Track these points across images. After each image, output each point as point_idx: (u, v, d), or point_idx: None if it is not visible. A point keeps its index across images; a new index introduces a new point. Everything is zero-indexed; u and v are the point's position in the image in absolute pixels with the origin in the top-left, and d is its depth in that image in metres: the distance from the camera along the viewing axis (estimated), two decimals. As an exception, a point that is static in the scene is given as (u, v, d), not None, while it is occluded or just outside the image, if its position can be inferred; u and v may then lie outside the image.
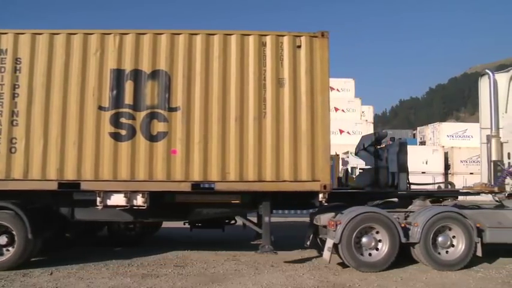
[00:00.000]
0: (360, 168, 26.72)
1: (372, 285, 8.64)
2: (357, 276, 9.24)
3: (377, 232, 9.84)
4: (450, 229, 10.07)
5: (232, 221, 11.62)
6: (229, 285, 8.46)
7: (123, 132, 9.42)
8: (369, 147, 14.02)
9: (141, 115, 9.47)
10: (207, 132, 9.49)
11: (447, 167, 33.85)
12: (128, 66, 9.55)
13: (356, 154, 17.38)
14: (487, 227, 10.22)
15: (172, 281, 8.65)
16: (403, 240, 9.69)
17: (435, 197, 11.32)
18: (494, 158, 11.74)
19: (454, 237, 10.08)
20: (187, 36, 9.66)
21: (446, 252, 10.03)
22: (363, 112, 37.32)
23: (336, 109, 36.18)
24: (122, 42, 9.59)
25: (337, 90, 37.18)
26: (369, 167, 14.06)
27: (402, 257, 10.06)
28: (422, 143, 37.55)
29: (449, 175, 32.85)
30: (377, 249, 9.82)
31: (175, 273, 9.22)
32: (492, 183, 11.63)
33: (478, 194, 12.15)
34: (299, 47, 9.77)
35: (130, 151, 9.39)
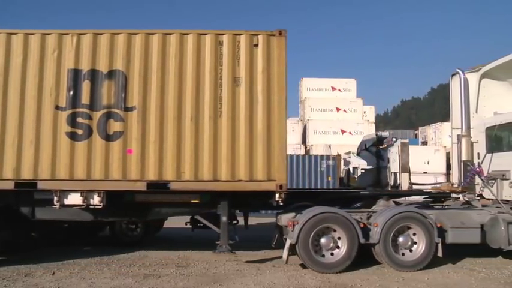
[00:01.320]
0: (361, 169, 26.68)
1: (373, 286, 8.62)
2: (358, 277, 9.22)
3: (335, 232, 9.75)
4: (411, 229, 9.95)
5: (234, 221, 11.54)
6: (231, 286, 8.50)
7: (80, 131, 9.47)
8: (371, 147, 14.02)
9: (98, 115, 9.51)
10: (163, 132, 9.50)
11: (449, 167, 33.41)
12: (85, 66, 9.60)
13: (358, 154, 17.38)
14: (449, 227, 10.11)
15: (174, 281, 8.72)
16: (362, 240, 9.60)
17: (399, 196, 11.21)
18: (464, 158, 11.64)
19: (415, 237, 9.95)
20: (144, 36, 9.68)
21: (410, 251, 9.94)
22: (364, 112, 36.96)
23: (338, 109, 35.96)
24: (80, 42, 9.63)
25: (339, 90, 36.93)
26: (370, 167, 14.04)
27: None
28: (424, 143, 37.09)
29: (451, 175, 32.44)
30: (338, 248, 9.72)
31: (177, 274, 9.31)
32: (461, 183, 11.51)
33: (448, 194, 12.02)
34: (256, 45, 9.73)
35: (86, 151, 9.43)
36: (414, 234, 9.95)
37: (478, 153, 11.71)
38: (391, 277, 9.26)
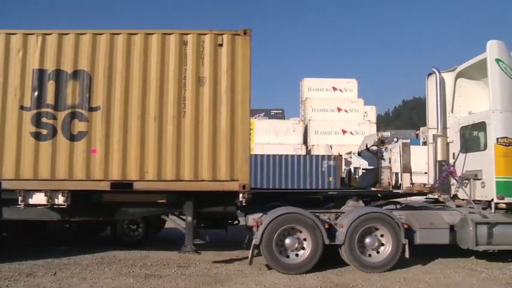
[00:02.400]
0: (362, 169, 26.57)
1: (375, 286, 8.62)
2: (360, 277, 9.21)
3: (301, 233, 9.69)
4: (378, 230, 9.87)
5: (236, 222, 11.52)
6: (233, 286, 8.50)
7: (45, 131, 9.51)
8: (372, 147, 13.95)
9: (62, 115, 9.55)
10: (127, 132, 9.53)
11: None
12: (50, 66, 9.64)
13: (359, 154, 17.32)
14: (417, 228, 10.02)
15: (175, 281, 8.72)
16: (327, 241, 9.53)
17: (366, 196, 11.12)
18: (439, 158, 11.52)
19: (382, 238, 9.87)
20: (109, 36, 9.70)
21: (378, 252, 9.86)
22: (365, 112, 36.83)
23: (339, 109, 35.89)
24: (45, 42, 9.67)
25: (340, 90, 36.84)
26: (371, 167, 14.00)
27: (405, 257, 10.06)
28: (426, 143, 36.88)
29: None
30: (303, 249, 9.67)
31: (178, 274, 9.30)
32: (434, 183, 11.42)
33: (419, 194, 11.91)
34: (221, 45, 9.72)
35: (51, 150, 9.47)
36: (382, 235, 9.85)
37: (454, 153, 11.59)
38: (392, 277, 9.24)
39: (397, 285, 8.68)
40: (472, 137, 11.16)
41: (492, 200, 10.22)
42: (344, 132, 35.05)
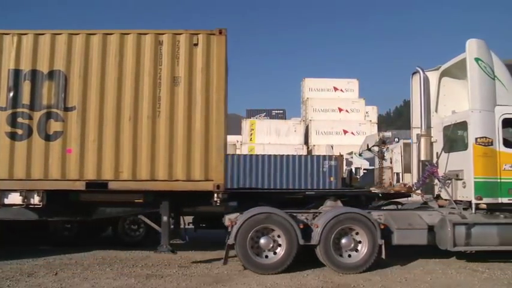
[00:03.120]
0: (363, 169, 26.50)
1: (376, 286, 8.60)
2: (361, 277, 9.19)
3: (276, 233, 9.65)
4: (355, 231, 9.80)
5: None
6: (234, 286, 8.51)
7: (20, 131, 9.53)
8: (373, 147, 13.93)
9: (38, 115, 9.57)
10: (102, 132, 9.54)
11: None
12: (25, 67, 9.65)
13: (360, 155, 17.30)
14: (395, 229, 9.95)
15: (176, 281, 8.71)
16: (301, 242, 9.48)
17: (343, 196, 11.04)
18: (423, 157, 11.42)
19: (358, 238, 9.80)
20: (85, 37, 9.71)
21: (356, 252, 9.77)
22: (366, 112, 36.78)
23: (340, 109, 35.87)
24: (21, 42, 9.69)
25: (341, 90, 36.83)
26: (372, 167, 13.96)
27: (405, 257, 10.22)
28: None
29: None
30: (278, 250, 9.63)
31: (179, 274, 9.30)
32: (416, 183, 11.35)
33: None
34: (196, 45, 9.72)
35: (26, 150, 9.48)
36: (358, 236, 9.78)
37: (437, 153, 11.50)
38: (393, 277, 9.21)
39: (398, 286, 8.66)
40: (454, 137, 11.07)
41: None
42: (345, 132, 35.04)
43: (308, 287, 8.45)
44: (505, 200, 10.21)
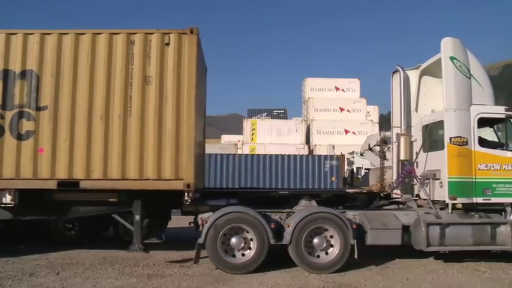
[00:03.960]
0: (365, 169, 26.38)
1: (377, 286, 8.61)
2: (362, 277, 9.20)
3: (247, 232, 9.63)
4: (328, 231, 9.75)
5: None
6: (235, 285, 8.53)
7: (-8, 131, 9.57)
8: (375, 147, 13.87)
9: (10, 114, 9.61)
10: (74, 131, 9.56)
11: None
12: (-3, 66, 9.69)
13: (361, 154, 17.20)
14: (368, 229, 9.89)
15: (178, 281, 8.73)
16: (272, 241, 9.45)
17: (318, 196, 10.98)
18: (402, 157, 11.34)
19: (331, 239, 9.74)
20: (57, 36, 9.74)
21: (329, 251, 9.72)
22: (368, 112, 36.54)
23: (342, 109, 35.70)
24: None
25: (343, 90, 36.64)
26: (374, 167, 13.90)
27: (407, 257, 10.25)
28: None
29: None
30: (249, 249, 9.61)
31: (180, 274, 9.31)
32: (393, 183, 11.28)
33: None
34: (168, 44, 9.72)
35: (-2, 150, 9.52)
36: (331, 236, 9.73)
37: (417, 153, 11.41)
38: (395, 277, 9.21)
39: (400, 285, 8.65)
40: (432, 136, 10.99)
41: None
42: (346, 132, 34.85)
43: (309, 287, 8.49)
44: (479, 200, 10.13)
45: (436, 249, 9.97)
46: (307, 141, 34.98)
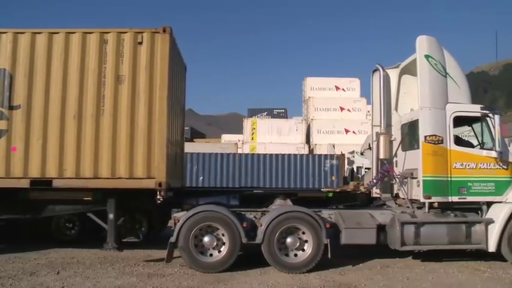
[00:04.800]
0: (365, 168, 26.26)
1: (378, 285, 8.61)
2: (362, 276, 9.20)
3: (220, 231, 9.61)
4: (301, 230, 9.71)
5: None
6: (235, 285, 8.55)
7: (-35, 130, 9.60)
8: None
9: (-17, 114, 9.64)
10: (47, 130, 9.56)
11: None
12: (-30, 65, 9.71)
13: (361, 154, 17.15)
14: (343, 228, 9.83)
15: (178, 280, 8.76)
16: (244, 240, 9.44)
17: (293, 195, 10.93)
18: (381, 156, 11.29)
19: (304, 238, 9.70)
20: (30, 35, 9.72)
21: (303, 251, 9.68)
22: (368, 112, 36.17)
23: (342, 109, 35.58)
24: None
25: (343, 89, 36.52)
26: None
27: (407, 256, 10.29)
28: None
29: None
30: (222, 248, 9.59)
31: (181, 273, 9.33)
32: (371, 182, 11.23)
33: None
34: (140, 43, 9.71)
35: (-29, 149, 9.56)
36: (305, 235, 9.69)
37: (396, 152, 11.35)
38: (395, 277, 9.19)
39: (400, 285, 8.63)
40: (410, 135, 10.91)
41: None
42: (347, 131, 34.70)
43: (310, 286, 8.48)
44: (455, 199, 10.06)
45: (411, 248, 9.91)
46: (308, 141, 34.89)
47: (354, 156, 28.32)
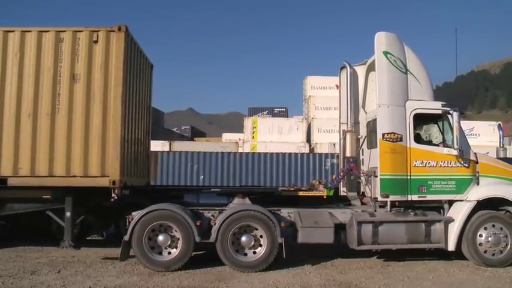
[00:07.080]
0: None
1: (378, 284, 8.61)
2: (363, 275, 9.22)
3: (175, 230, 9.58)
4: (256, 229, 9.64)
5: None
6: (236, 284, 8.62)
7: None
8: None
9: None
10: (2, 128, 9.60)
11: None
12: None
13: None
14: (299, 227, 9.74)
15: (179, 279, 8.83)
16: (197, 239, 9.41)
17: (252, 194, 10.84)
18: (348, 154, 11.18)
19: (261, 237, 9.63)
20: None
21: (254, 252, 9.66)
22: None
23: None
24: None
25: (342, 88, 36.11)
26: None
27: (407, 256, 10.28)
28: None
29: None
30: (176, 247, 9.56)
31: (181, 272, 9.35)
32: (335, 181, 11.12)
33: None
34: (96, 42, 9.72)
35: None
36: (260, 234, 9.62)
37: (362, 150, 11.22)
38: (396, 276, 9.19)
39: (401, 284, 8.61)
40: (374, 133, 10.76)
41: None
42: (347, 130, 34.33)
43: (310, 285, 8.49)
44: (415, 198, 9.90)
45: (368, 247, 9.78)
46: (308, 140, 34.60)
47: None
